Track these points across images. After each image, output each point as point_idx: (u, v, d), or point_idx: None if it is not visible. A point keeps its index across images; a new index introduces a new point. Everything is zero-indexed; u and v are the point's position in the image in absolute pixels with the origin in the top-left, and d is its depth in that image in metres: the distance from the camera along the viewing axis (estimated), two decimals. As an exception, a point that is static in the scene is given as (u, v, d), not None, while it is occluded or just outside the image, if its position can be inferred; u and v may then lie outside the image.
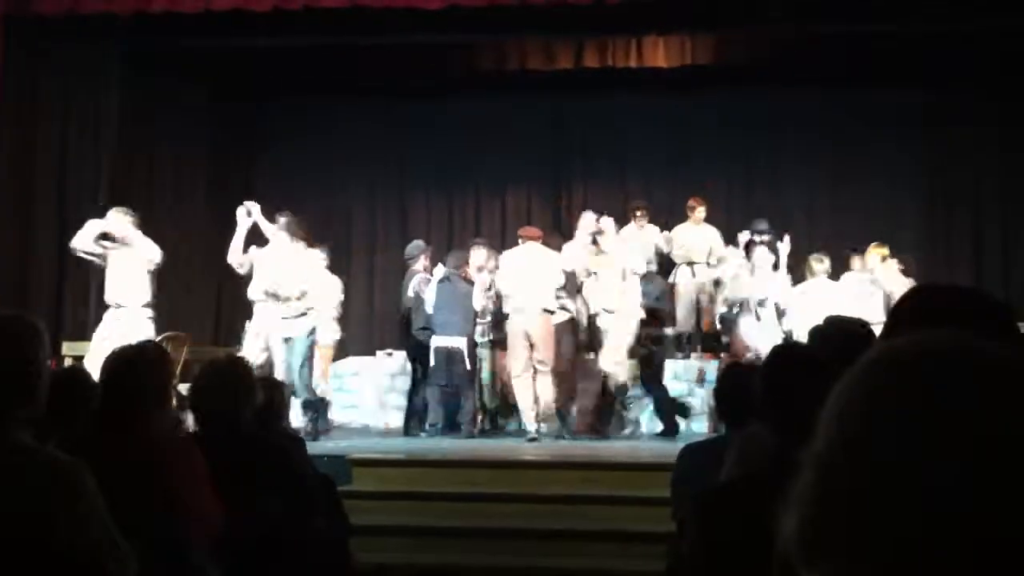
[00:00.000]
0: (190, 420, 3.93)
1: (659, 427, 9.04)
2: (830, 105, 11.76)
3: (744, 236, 9.66)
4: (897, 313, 1.69)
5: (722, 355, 9.33)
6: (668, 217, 10.91)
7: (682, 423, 9.03)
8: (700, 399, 9.28)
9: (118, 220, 8.18)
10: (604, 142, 12.45)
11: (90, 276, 8.77)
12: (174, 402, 3.80)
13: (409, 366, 9.48)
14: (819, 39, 10.40)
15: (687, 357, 10.02)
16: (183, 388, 6.11)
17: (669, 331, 9.49)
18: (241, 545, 3.33)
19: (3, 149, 9.00)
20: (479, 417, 9.12)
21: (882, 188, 11.80)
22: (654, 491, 5.56)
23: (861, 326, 2.82)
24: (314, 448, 6.74)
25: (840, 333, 2.71)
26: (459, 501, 6.84)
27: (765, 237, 9.39)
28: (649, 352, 8.92)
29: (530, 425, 8.46)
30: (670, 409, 8.95)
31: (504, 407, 9.37)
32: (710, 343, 10.16)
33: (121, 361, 3.44)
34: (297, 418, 7.92)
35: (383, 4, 8.70)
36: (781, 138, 12.13)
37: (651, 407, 9.19)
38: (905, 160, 11.40)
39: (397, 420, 9.59)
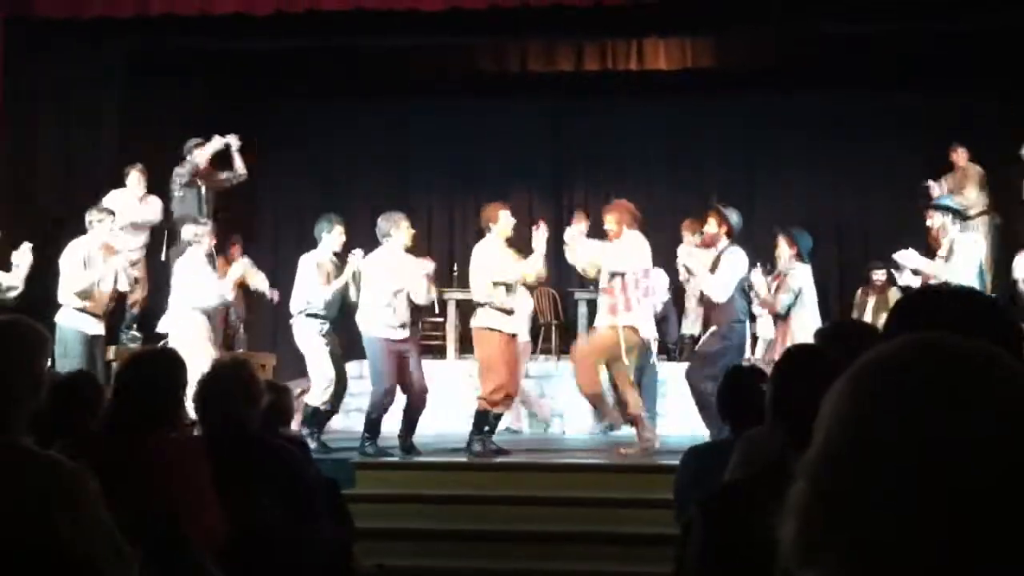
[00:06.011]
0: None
1: None
2: (831, 108, 11.73)
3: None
4: (896, 315, 1.68)
5: None
6: (669, 220, 10.87)
7: None
8: None
9: None
10: (605, 145, 12.44)
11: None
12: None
13: None
14: (820, 42, 10.39)
15: None
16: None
17: None
18: (241, 549, 3.31)
19: (4, 151, 8.98)
20: None
21: (884, 191, 11.77)
22: (658, 494, 5.56)
23: (870, 328, 2.81)
24: (317, 452, 6.75)
25: (850, 335, 2.70)
26: (462, 504, 6.83)
27: None
28: None
29: None
30: None
31: None
32: None
33: (136, 365, 3.41)
34: None
35: (385, 6, 8.69)
36: (782, 141, 12.10)
37: None
38: (907, 162, 11.36)
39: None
